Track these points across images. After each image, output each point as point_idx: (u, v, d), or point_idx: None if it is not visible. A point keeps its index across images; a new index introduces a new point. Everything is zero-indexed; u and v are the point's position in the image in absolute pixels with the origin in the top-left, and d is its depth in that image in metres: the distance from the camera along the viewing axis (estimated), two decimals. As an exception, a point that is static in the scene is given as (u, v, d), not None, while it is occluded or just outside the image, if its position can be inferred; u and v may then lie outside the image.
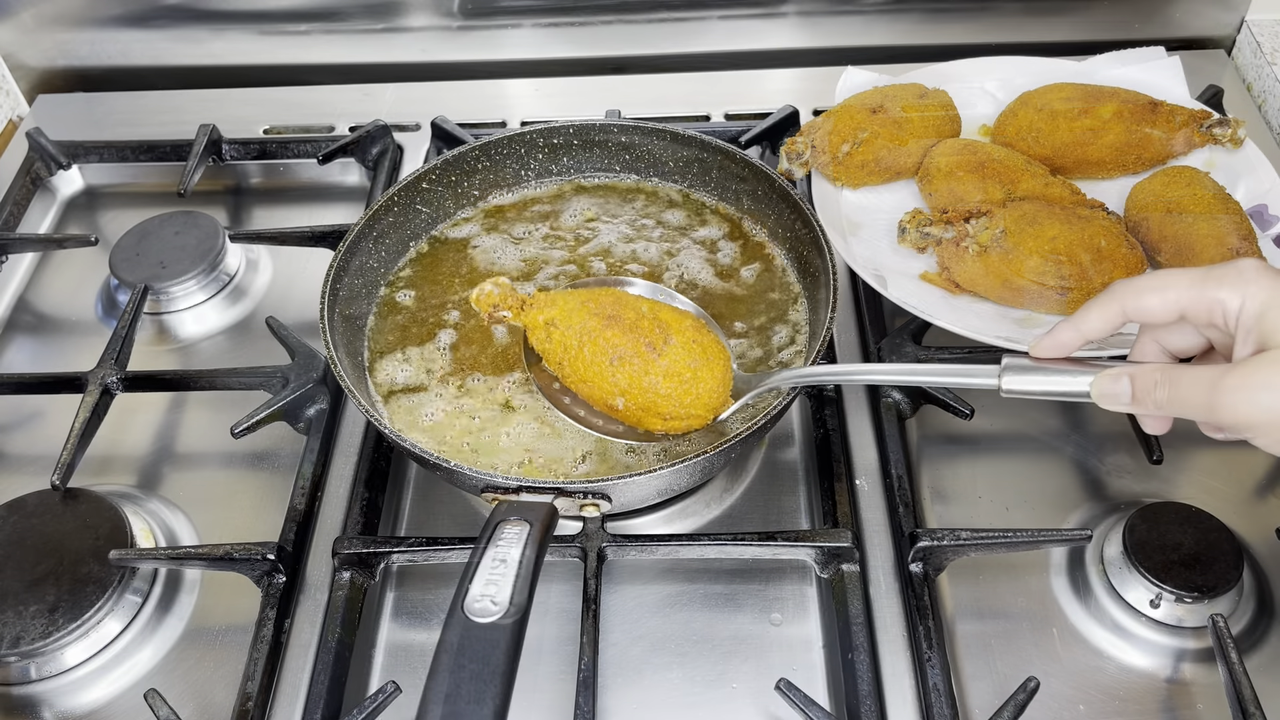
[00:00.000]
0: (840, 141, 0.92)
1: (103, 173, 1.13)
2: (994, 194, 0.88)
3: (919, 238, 0.86)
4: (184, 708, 0.70)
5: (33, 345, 0.98)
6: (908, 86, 0.98)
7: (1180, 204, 0.85)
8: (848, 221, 0.93)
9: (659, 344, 0.71)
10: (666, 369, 0.70)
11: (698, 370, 0.71)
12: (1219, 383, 0.52)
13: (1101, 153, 0.94)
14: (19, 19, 1.16)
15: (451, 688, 0.53)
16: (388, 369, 0.81)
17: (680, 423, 0.72)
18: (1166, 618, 0.73)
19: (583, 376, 0.72)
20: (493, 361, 0.82)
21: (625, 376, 0.71)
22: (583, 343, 0.71)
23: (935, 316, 0.81)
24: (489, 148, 0.91)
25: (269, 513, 0.82)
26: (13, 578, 0.75)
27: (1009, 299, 0.84)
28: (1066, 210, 0.84)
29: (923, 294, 0.85)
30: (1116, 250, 0.82)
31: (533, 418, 0.78)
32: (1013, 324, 0.83)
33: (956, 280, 0.85)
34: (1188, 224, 0.83)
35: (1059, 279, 0.81)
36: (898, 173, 0.96)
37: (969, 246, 0.83)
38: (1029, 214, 0.83)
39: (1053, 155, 0.94)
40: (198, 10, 1.16)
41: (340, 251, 0.81)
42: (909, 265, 0.88)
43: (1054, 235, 0.81)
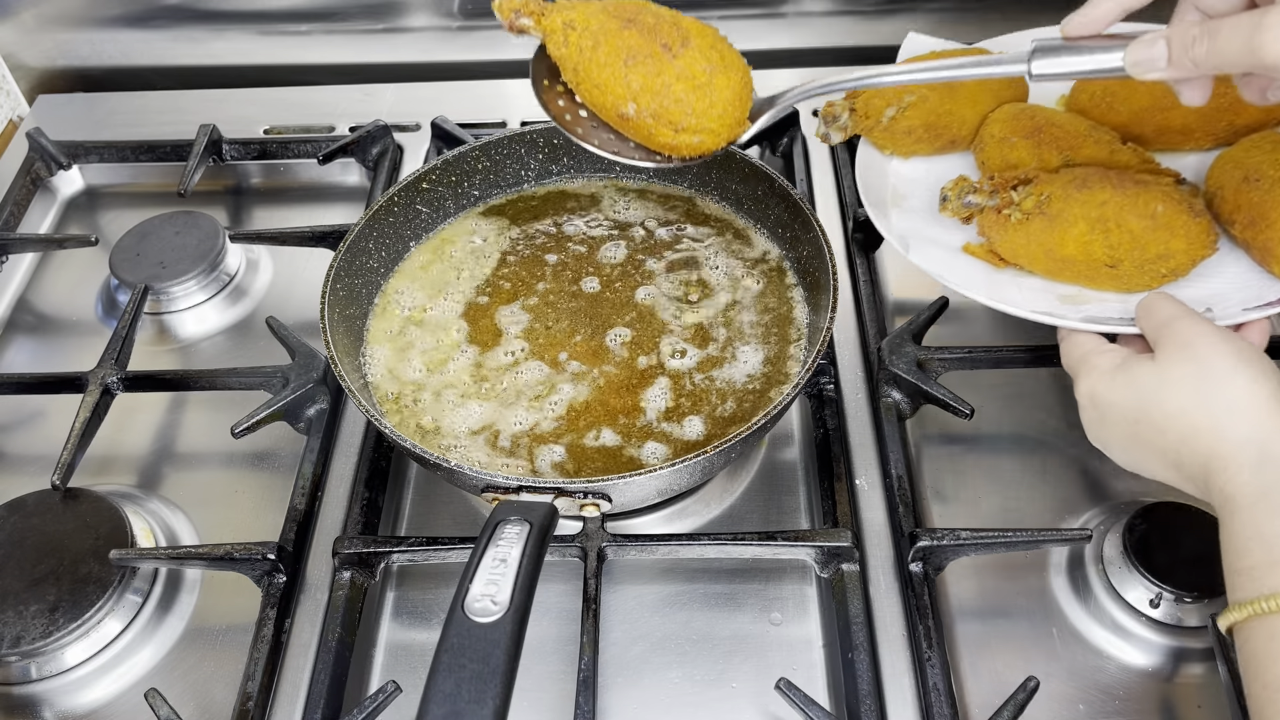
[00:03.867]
0: (884, 105, 0.84)
1: (103, 173, 1.13)
2: (1050, 161, 0.80)
3: (961, 206, 0.79)
4: (184, 707, 0.70)
5: (33, 345, 0.98)
6: (969, 50, 0.89)
7: (1260, 170, 0.74)
8: (893, 193, 0.86)
9: (675, 45, 0.67)
10: (681, 71, 0.67)
11: (714, 76, 0.67)
12: (1261, 22, 0.52)
13: (1186, 119, 0.82)
14: (19, 19, 1.17)
15: (452, 687, 0.53)
16: (388, 369, 0.81)
17: (693, 136, 0.69)
18: (1166, 617, 0.73)
19: (596, 80, 0.69)
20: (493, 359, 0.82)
21: (639, 77, 0.67)
22: (598, 43, 0.68)
23: (968, 288, 0.75)
24: (489, 148, 0.91)
25: (269, 513, 0.82)
26: (13, 577, 0.75)
27: (1054, 271, 0.76)
28: (1124, 174, 0.75)
29: (958, 265, 0.79)
30: (1176, 217, 0.72)
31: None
32: (1056, 299, 0.76)
33: (999, 252, 0.78)
34: (1264, 190, 0.73)
35: (1107, 248, 0.72)
36: (952, 141, 0.87)
37: (1011, 214, 0.76)
38: (1079, 178, 0.75)
39: (1129, 122, 0.84)
40: (198, 10, 1.16)
41: (340, 252, 0.81)
42: (951, 238, 0.81)
43: (1104, 200, 0.72)
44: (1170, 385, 0.60)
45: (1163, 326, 0.63)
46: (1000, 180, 0.78)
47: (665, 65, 0.67)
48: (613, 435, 0.77)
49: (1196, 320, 0.62)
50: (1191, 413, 0.59)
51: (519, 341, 0.83)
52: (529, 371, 0.80)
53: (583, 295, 0.86)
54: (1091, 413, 0.65)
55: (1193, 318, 0.62)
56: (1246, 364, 0.59)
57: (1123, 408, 0.63)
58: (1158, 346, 0.62)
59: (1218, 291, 0.74)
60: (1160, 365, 0.61)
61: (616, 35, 0.68)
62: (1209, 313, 0.69)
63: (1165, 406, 0.60)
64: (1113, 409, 0.63)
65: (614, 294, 0.86)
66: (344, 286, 0.81)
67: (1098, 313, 0.73)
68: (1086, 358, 0.66)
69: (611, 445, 0.76)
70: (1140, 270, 0.73)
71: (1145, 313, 0.65)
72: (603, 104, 0.70)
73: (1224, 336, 0.61)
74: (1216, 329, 0.61)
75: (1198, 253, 0.72)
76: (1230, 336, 0.61)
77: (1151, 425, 0.61)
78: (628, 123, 0.70)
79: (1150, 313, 0.65)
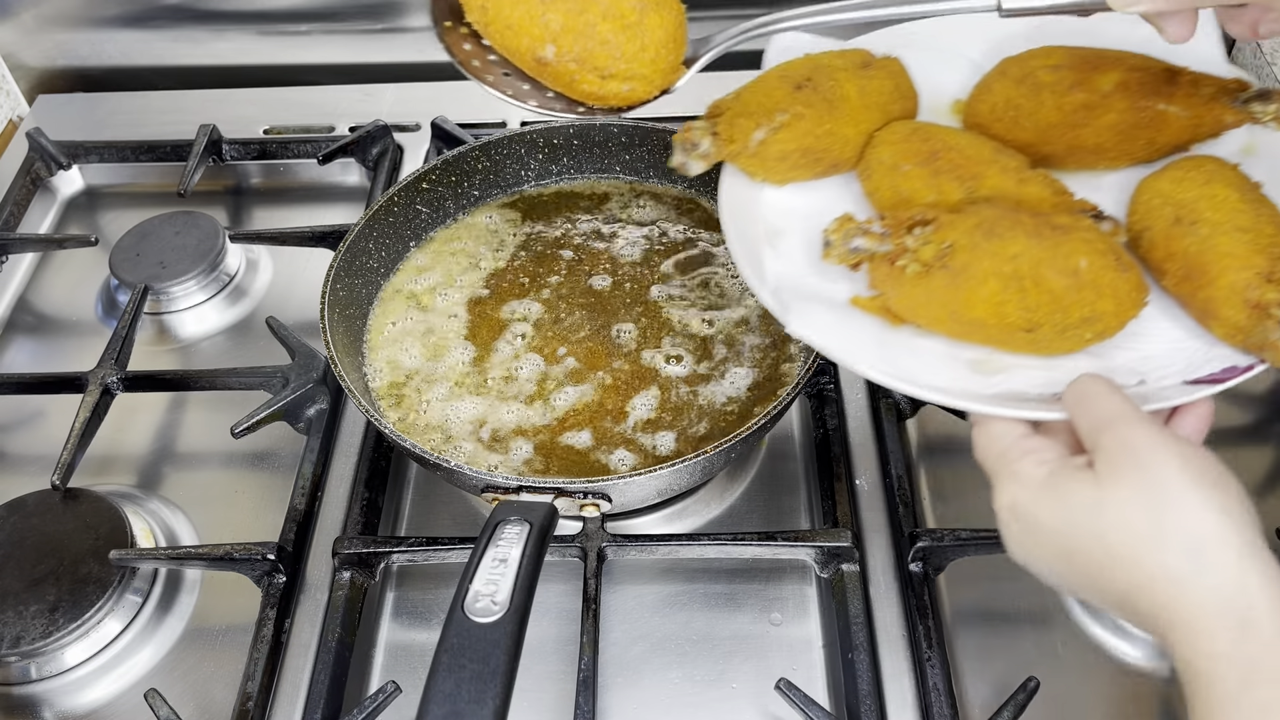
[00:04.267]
0: (752, 126, 0.69)
1: (103, 173, 1.13)
2: (950, 193, 0.67)
3: (847, 253, 0.64)
4: (184, 708, 0.70)
5: (33, 345, 0.98)
6: (848, 53, 0.74)
7: (1194, 210, 0.63)
8: (767, 228, 0.72)
9: None
10: (607, 8, 0.60)
11: (644, 14, 0.60)
12: None
13: (1100, 137, 0.71)
14: (19, 19, 1.16)
15: (452, 688, 0.53)
16: (388, 369, 0.81)
17: (621, 84, 0.62)
18: (1167, 618, 0.72)
19: (507, 19, 0.61)
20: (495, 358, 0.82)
21: (558, 16, 0.60)
22: None
23: (857, 360, 0.61)
24: (489, 148, 0.91)
25: (269, 513, 0.82)
26: (13, 578, 0.75)
27: (961, 334, 0.63)
28: (1039, 218, 0.62)
29: (847, 327, 0.64)
30: (1102, 274, 0.60)
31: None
32: (964, 366, 0.63)
33: (894, 308, 0.64)
34: (1201, 238, 0.61)
35: (1023, 311, 0.60)
36: (834, 165, 0.72)
37: (908, 265, 0.62)
38: (987, 223, 0.62)
39: (1037, 140, 0.72)
40: (198, 10, 1.16)
41: (340, 252, 0.81)
42: (837, 289, 0.67)
43: (1017, 253, 0.60)
44: (1115, 513, 0.49)
45: (1102, 429, 0.51)
46: (893, 221, 0.64)
47: (588, 2, 0.60)
48: (588, 437, 0.77)
49: (1143, 423, 0.51)
50: (1144, 554, 0.48)
51: (518, 340, 0.83)
52: (527, 366, 0.80)
53: (592, 292, 0.86)
54: (1014, 528, 0.53)
55: (1137, 420, 0.51)
56: (1210, 486, 0.48)
57: (1055, 533, 0.51)
58: (1097, 456, 0.51)
59: (1151, 356, 0.63)
60: (1102, 485, 0.50)
61: None
62: (1142, 385, 0.60)
63: (1109, 541, 0.49)
64: (1042, 532, 0.52)
65: (623, 292, 0.86)
66: (344, 286, 0.81)
67: (1015, 386, 0.61)
68: (1007, 459, 0.54)
69: (581, 447, 0.76)
70: (1062, 335, 0.60)
71: (1078, 404, 0.54)
72: (516, 47, 0.62)
73: (1180, 449, 0.49)
74: (1169, 436, 0.50)
75: (1127, 313, 0.61)
76: (1186, 447, 0.50)
77: (1092, 561, 0.50)
78: (546, 68, 0.62)
79: (1084, 406, 0.54)
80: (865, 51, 0.74)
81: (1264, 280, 0.58)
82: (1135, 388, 0.59)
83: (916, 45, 0.78)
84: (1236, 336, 0.59)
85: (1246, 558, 0.46)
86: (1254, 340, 0.58)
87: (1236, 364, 0.60)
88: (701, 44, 0.65)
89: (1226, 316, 0.59)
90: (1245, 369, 0.59)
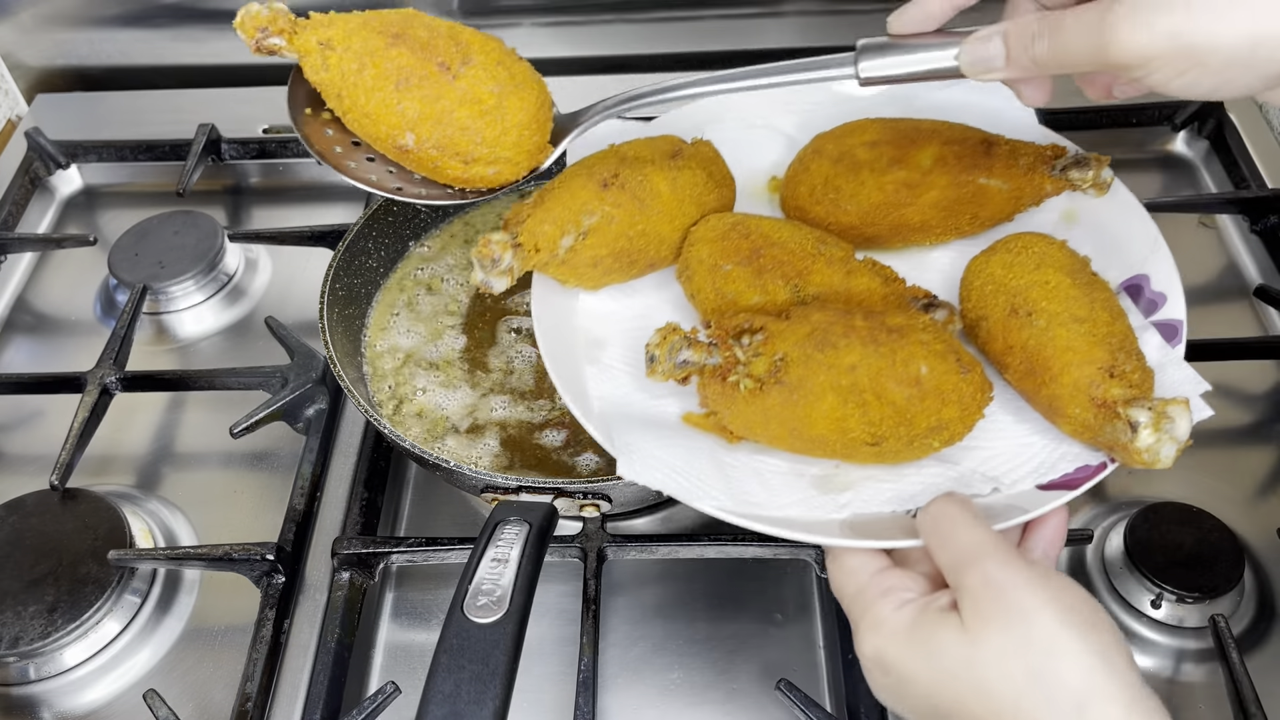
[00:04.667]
0: (558, 233, 0.65)
1: (101, 172, 1.13)
2: (777, 293, 0.63)
3: (674, 368, 0.59)
4: (183, 708, 0.70)
5: (31, 345, 0.97)
6: (656, 142, 0.70)
7: (1028, 299, 0.60)
8: (588, 339, 0.67)
9: (455, 64, 0.59)
10: (464, 94, 0.59)
11: (504, 98, 0.59)
12: (1106, 16, 0.46)
13: (924, 214, 0.69)
14: (18, 18, 1.16)
15: (451, 688, 0.53)
16: (388, 368, 0.81)
17: (485, 168, 0.61)
18: (1167, 618, 0.72)
19: (365, 109, 0.60)
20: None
21: (415, 104, 0.59)
22: (363, 65, 0.59)
23: (696, 496, 0.56)
24: (488, 147, 0.91)
25: (268, 513, 0.82)
26: (11, 578, 0.75)
27: (803, 449, 0.59)
28: (872, 320, 0.58)
29: (680, 454, 0.59)
30: (944, 379, 0.57)
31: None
32: (811, 486, 0.59)
33: (729, 426, 0.61)
34: (1039, 330, 0.59)
35: (866, 425, 0.56)
36: (651, 264, 0.69)
37: (740, 382, 0.58)
38: (819, 331, 0.57)
39: (860, 222, 0.69)
40: (197, 10, 1.16)
41: (340, 251, 0.81)
42: (666, 406, 0.63)
43: (854, 363, 0.56)
44: (991, 669, 0.46)
45: (963, 567, 0.48)
46: (720, 330, 0.60)
47: (445, 88, 0.59)
48: (561, 437, 0.77)
49: (1005, 560, 0.48)
50: (1027, 711, 0.45)
51: (509, 334, 0.82)
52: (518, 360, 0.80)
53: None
54: (881, 678, 0.51)
55: (999, 555, 0.48)
56: (1086, 627, 0.46)
57: (929, 689, 0.48)
58: (961, 598, 0.48)
59: (1000, 454, 0.61)
60: (972, 636, 0.47)
61: (383, 55, 0.59)
62: (996, 492, 0.58)
63: (988, 696, 0.46)
64: (915, 685, 0.49)
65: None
66: (343, 286, 0.81)
67: (866, 504, 0.58)
68: (864, 599, 0.52)
69: (550, 446, 0.76)
70: (909, 446, 0.58)
71: (933, 533, 0.51)
72: (376, 135, 0.61)
73: (1048, 588, 0.47)
74: (1034, 574, 0.47)
75: (972, 417, 0.58)
76: (1053, 583, 0.47)
77: (972, 717, 0.47)
78: (408, 155, 0.61)
79: (941, 537, 0.51)
80: (674, 139, 0.71)
81: (1106, 376, 0.56)
82: (989, 498, 0.57)
83: (728, 120, 0.75)
84: (1085, 434, 0.58)
85: (1133, 706, 0.44)
86: (1103, 440, 0.56)
87: (1089, 462, 0.58)
88: (569, 120, 0.63)
89: (1073, 415, 0.57)
90: (1098, 468, 0.58)
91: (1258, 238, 0.98)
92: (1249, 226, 0.99)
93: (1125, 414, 0.54)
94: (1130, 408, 0.54)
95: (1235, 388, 0.87)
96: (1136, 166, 1.08)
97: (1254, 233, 0.98)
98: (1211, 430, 0.84)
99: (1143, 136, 1.09)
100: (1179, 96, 0.48)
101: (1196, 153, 1.08)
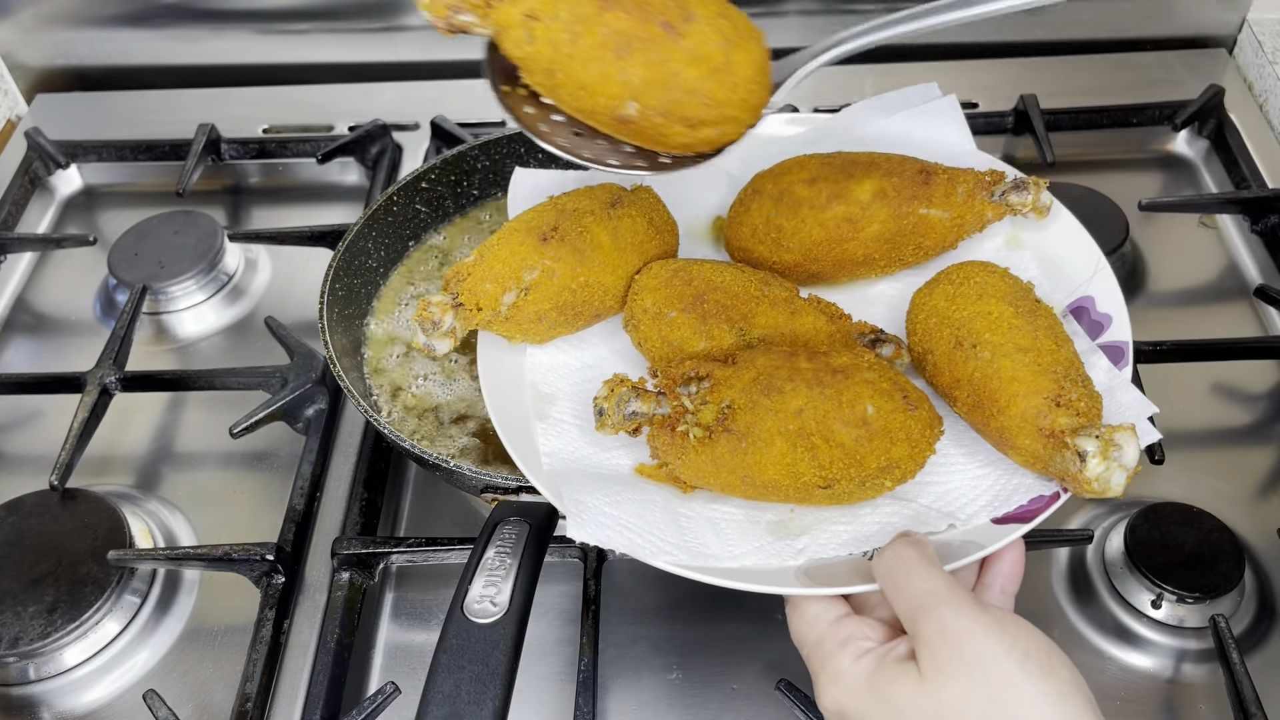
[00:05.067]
0: (499, 291, 0.64)
1: (101, 172, 1.13)
2: (722, 339, 0.63)
3: (622, 420, 0.58)
4: (183, 708, 0.70)
5: (31, 345, 0.97)
6: (595, 191, 0.69)
7: (971, 331, 0.60)
8: (536, 395, 0.66)
9: (678, 21, 0.55)
10: (691, 52, 0.55)
11: (730, 52, 0.55)
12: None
13: (867, 249, 0.68)
14: (18, 18, 1.16)
15: (451, 689, 0.53)
16: (387, 368, 0.81)
17: (713, 129, 0.58)
18: (1168, 618, 0.72)
19: (581, 81, 0.56)
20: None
21: (638, 69, 0.54)
22: (577, 35, 0.55)
23: (650, 553, 0.56)
24: (489, 147, 0.91)
25: (268, 513, 0.82)
26: (11, 578, 0.75)
27: (756, 495, 0.59)
28: (816, 361, 0.58)
29: (633, 509, 0.58)
30: (892, 418, 0.56)
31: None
32: (767, 533, 0.59)
33: (681, 476, 0.60)
34: (984, 363, 0.58)
35: (816, 469, 0.56)
36: (596, 315, 0.68)
37: (689, 431, 0.58)
38: (764, 376, 0.57)
39: (804, 260, 0.69)
40: (197, 10, 1.16)
41: (339, 251, 0.81)
42: (617, 460, 0.62)
43: (800, 407, 0.56)
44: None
45: (919, 614, 0.49)
46: (667, 379, 0.60)
47: (670, 49, 0.55)
48: None
49: (961, 607, 0.48)
50: None
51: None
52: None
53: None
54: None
55: (955, 602, 0.48)
56: (1041, 675, 0.46)
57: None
58: (918, 646, 0.48)
59: (955, 489, 0.60)
60: (930, 688, 0.47)
61: (598, 20, 0.55)
62: (952, 528, 0.57)
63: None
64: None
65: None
66: (343, 286, 0.81)
67: (821, 549, 0.58)
68: (823, 650, 0.52)
69: None
70: (861, 487, 0.57)
71: (889, 578, 0.52)
72: (592, 108, 0.58)
73: (1004, 634, 0.47)
74: (990, 620, 0.48)
75: (923, 454, 0.58)
76: (1009, 629, 0.48)
77: None
78: (628, 125, 0.58)
79: (897, 583, 0.51)
80: (614, 187, 0.70)
81: (1053, 405, 0.55)
82: (945, 534, 0.57)
83: None
84: (1036, 465, 0.58)
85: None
86: (1054, 470, 0.56)
87: (1043, 493, 0.58)
88: (779, 70, 0.60)
89: (1023, 446, 0.57)
90: (1052, 498, 0.58)
91: (1258, 238, 0.98)
92: (1249, 226, 0.99)
93: (1073, 443, 0.54)
94: (1078, 437, 0.54)
95: (1235, 388, 0.87)
96: (1137, 166, 1.08)
97: (1254, 233, 0.98)
98: (1211, 430, 0.85)
99: (1143, 136, 1.10)
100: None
101: (1197, 153, 1.08)
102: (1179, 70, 1.15)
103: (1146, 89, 1.13)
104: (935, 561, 0.51)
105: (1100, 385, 0.60)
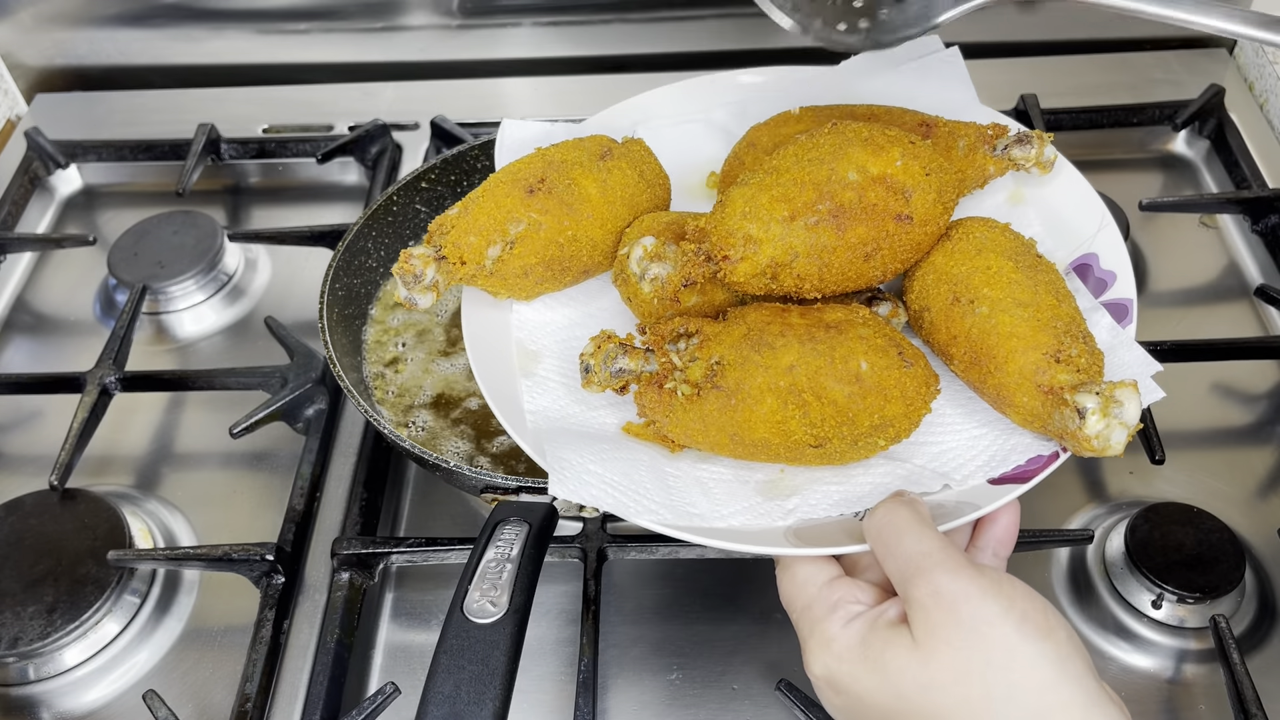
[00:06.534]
0: (484, 244, 0.62)
1: (101, 172, 1.13)
2: (714, 294, 0.61)
3: (609, 377, 0.57)
4: (182, 709, 0.70)
5: (31, 345, 0.97)
6: (584, 143, 0.67)
7: (970, 286, 0.58)
8: (522, 353, 0.64)
9: (900, 208, 0.57)
10: (922, 217, 0.58)
11: (937, 194, 0.59)
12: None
13: None
14: (17, 18, 1.16)
15: (451, 689, 0.53)
16: (387, 369, 0.81)
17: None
18: (1168, 618, 0.72)
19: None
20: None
21: (879, 266, 0.58)
22: (825, 263, 0.57)
23: (636, 512, 0.54)
24: (488, 147, 0.91)
25: (268, 513, 0.82)
26: (11, 578, 0.75)
27: (745, 455, 0.57)
28: (809, 316, 0.57)
29: (620, 468, 0.57)
30: (886, 374, 0.55)
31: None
32: (756, 493, 0.57)
33: (669, 434, 0.58)
34: (982, 318, 0.56)
35: (807, 427, 0.54)
36: (584, 271, 0.65)
37: (677, 388, 0.56)
38: (754, 331, 0.56)
39: None
40: (196, 9, 1.16)
41: (339, 251, 0.81)
42: (604, 418, 0.61)
43: (791, 363, 0.54)
44: (945, 692, 0.45)
45: (911, 577, 0.47)
46: (655, 336, 0.58)
47: (907, 232, 0.58)
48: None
49: (954, 568, 0.46)
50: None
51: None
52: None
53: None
54: (834, 698, 0.50)
55: (948, 564, 0.47)
56: (1040, 637, 0.45)
57: (881, 707, 0.47)
58: (911, 610, 0.47)
59: (951, 449, 0.59)
60: (924, 655, 0.46)
61: (835, 241, 0.57)
62: (947, 489, 0.56)
63: (944, 715, 0.45)
64: (869, 707, 0.48)
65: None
66: (343, 286, 0.81)
67: (812, 509, 0.56)
68: (813, 616, 0.50)
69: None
70: (854, 446, 0.56)
71: (879, 539, 0.50)
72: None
73: (999, 597, 0.46)
74: (985, 581, 0.46)
75: (918, 413, 0.57)
76: (1004, 591, 0.46)
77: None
78: None
79: (888, 544, 0.49)
80: (604, 139, 0.67)
81: (1052, 361, 0.54)
82: (940, 495, 0.55)
83: (661, 117, 0.72)
84: (1034, 423, 0.56)
85: (1093, 717, 0.44)
86: (1052, 428, 0.54)
87: (1041, 453, 0.57)
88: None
89: (1021, 404, 0.55)
90: (1050, 458, 0.56)
91: (1258, 238, 0.98)
92: (1250, 226, 0.99)
93: (1072, 400, 0.52)
94: (1077, 393, 0.52)
95: (1235, 388, 0.87)
96: (1137, 166, 1.08)
97: (1255, 233, 0.98)
98: (1212, 430, 0.84)
99: (1144, 136, 1.09)
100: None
101: (1197, 152, 1.08)
102: (1179, 70, 1.15)
103: (1146, 89, 1.13)
104: (929, 522, 0.49)
105: (1102, 343, 0.58)
